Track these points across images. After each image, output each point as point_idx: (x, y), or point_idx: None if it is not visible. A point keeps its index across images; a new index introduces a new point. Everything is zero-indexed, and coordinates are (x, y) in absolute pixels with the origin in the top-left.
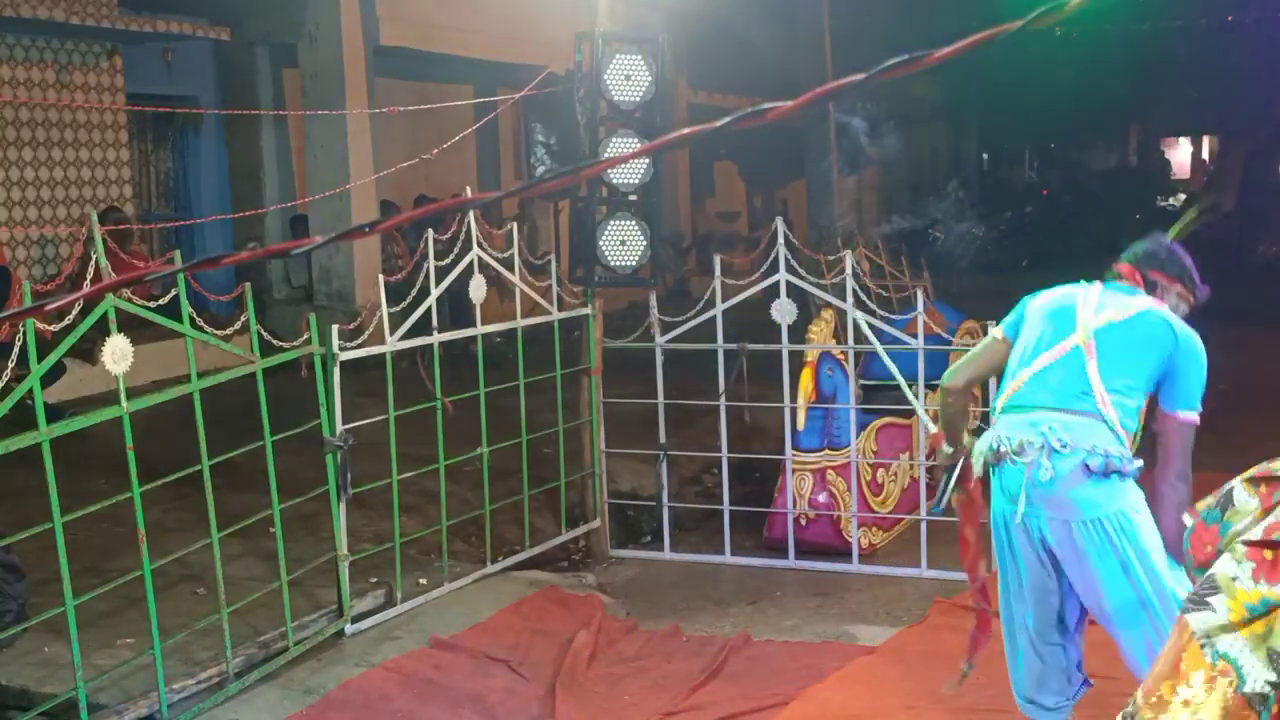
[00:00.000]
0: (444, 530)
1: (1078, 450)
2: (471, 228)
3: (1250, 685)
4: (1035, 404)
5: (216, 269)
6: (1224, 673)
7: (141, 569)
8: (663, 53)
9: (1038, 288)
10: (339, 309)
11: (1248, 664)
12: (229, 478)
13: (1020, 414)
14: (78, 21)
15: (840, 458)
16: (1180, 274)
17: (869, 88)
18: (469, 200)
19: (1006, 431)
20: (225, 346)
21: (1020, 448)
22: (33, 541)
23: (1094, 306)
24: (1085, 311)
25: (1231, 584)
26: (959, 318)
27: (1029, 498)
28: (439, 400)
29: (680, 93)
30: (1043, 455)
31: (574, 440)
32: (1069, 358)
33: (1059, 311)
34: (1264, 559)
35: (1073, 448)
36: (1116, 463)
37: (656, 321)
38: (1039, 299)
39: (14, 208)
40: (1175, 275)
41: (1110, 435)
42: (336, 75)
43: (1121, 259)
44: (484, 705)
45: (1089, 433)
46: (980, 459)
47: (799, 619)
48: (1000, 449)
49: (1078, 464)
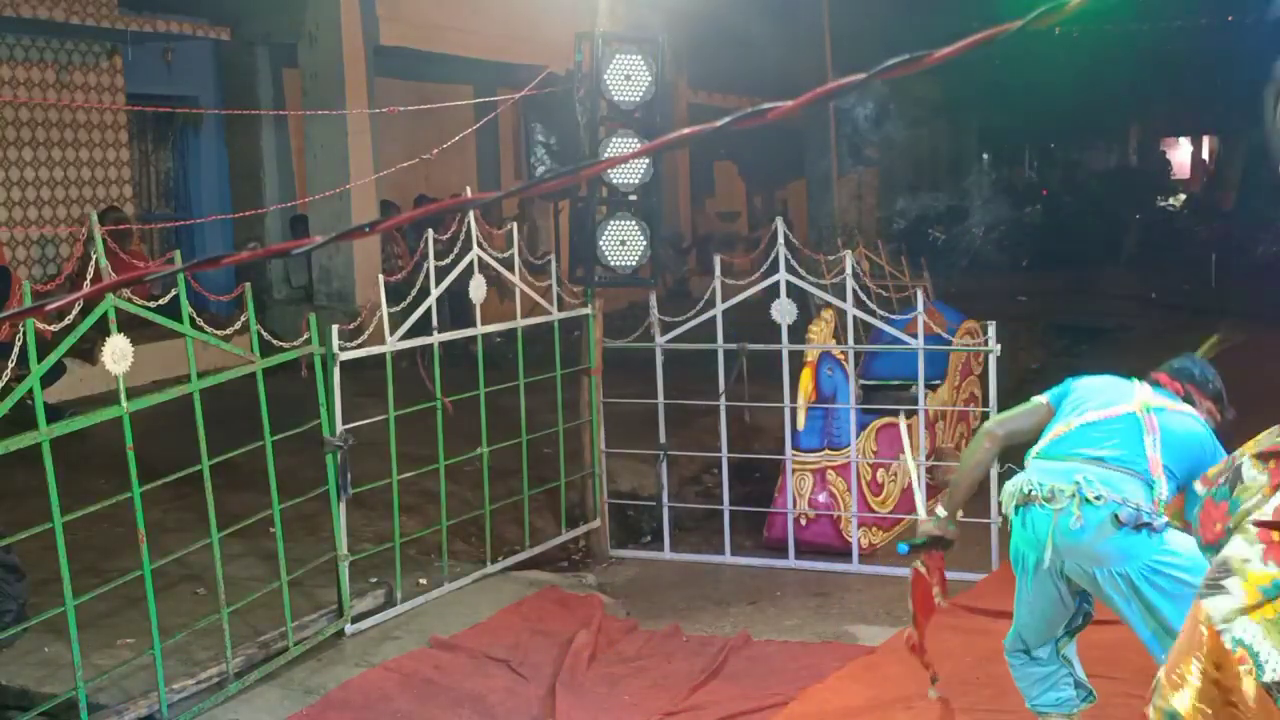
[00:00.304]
0: (444, 530)
1: (1110, 503)
2: (471, 228)
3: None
4: (1074, 454)
5: (216, 269)
6: (1242, 660)
7: (141, 569)
8: (663, 53)
9: (1038, 287)
10: (339, 309)
11: (1264, 651)
12: (229, 478)
13: (1056, 461)
14: (78, 21)
15: (840, 458)
16: (1214, 395)
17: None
18: (469, 200)
19: (1039, 476)
20: (225, 346)
21: (1051, 494)
22: (33, 541)
23: (1148, 392)
24: (1141, 391)
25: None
26: (959, 318)
27: (1055, 545)
28: (439, 400)
29: (680, 93)
30: (1074, 504)
31: (574, 440)
32: (1124, 421)
33: (1111, 386)
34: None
35: (1106, 500)
36: (1147, 517)
37: (656, 321)
38: (1088, 378)
39: (14, 208)
40: (1209, 395)
41: (1146, 493)
42: (336, 75)
43: (1160, 369)
44: (484, 705)
45: (1124, 486)
46: (1010, 500)
47: (799, 619)
48: (1030, 492)
49: (1108, 515)
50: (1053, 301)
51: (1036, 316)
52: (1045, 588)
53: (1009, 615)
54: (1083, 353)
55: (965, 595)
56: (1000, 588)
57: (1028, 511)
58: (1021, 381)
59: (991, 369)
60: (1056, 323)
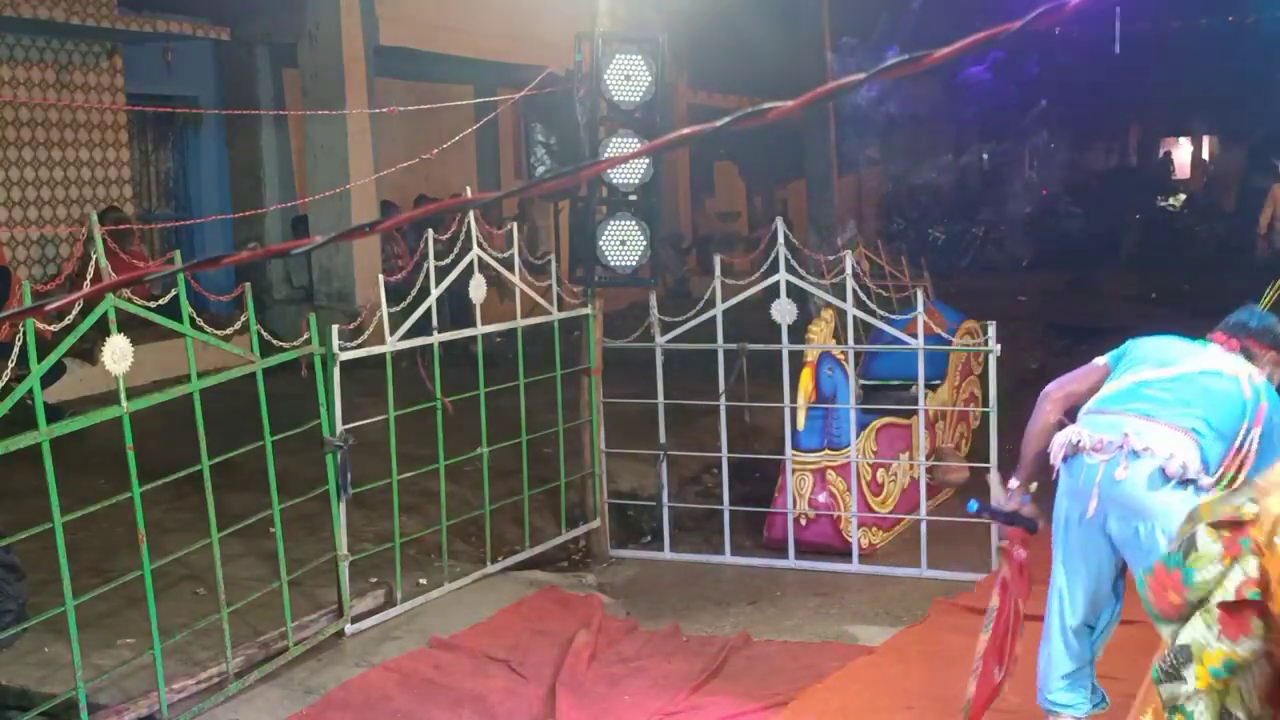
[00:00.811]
0: (444, 530)
1: (1157, 455)
2: (471, 228)
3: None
4: (1126, 408)
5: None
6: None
7: (141, 569)
8: (663, 53)
9: (1038, 287)
10: (339, 309)
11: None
12: (229, 478)
13: (1106, 415)
14: (78, 21)
15: (840, 458)
16: (1274, 343)
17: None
18: (469, 200)
19: (1089, 428)
20: (225, 346)
21: (1100, 444)
22: (33, 541)
23: (1206, 354)
24: (1200, 353)
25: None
26: (959, 318)
27: (1101, 495)
28: (439, 400)
29: (680, 93)
30: (1121, 455)
31: (574, 440)
32: (1179, 380)
33: (1170, 346)
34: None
35: (1153, 453)
36: (1193, 474)
37: (656, 321)
38: (1148, 338)
39: (14, 208)
40: (1270, 344)
41: (1195, 451)
42: (336, 75)
43: (1216, 329)
44: (484, 705)
45: (1172, 442)
46: (1058, 450)
47: (799, 619)
48: (1078, 442)
49: (1154, 469)
50: (1053, 301)
51: (1036, 316)
52: (1087, 547)
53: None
54: (1083, 353)
55: (965, 595)
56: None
57: (1075, 461)
58: (1021, 382)
59: (991, 369)
60: (1056, 323)
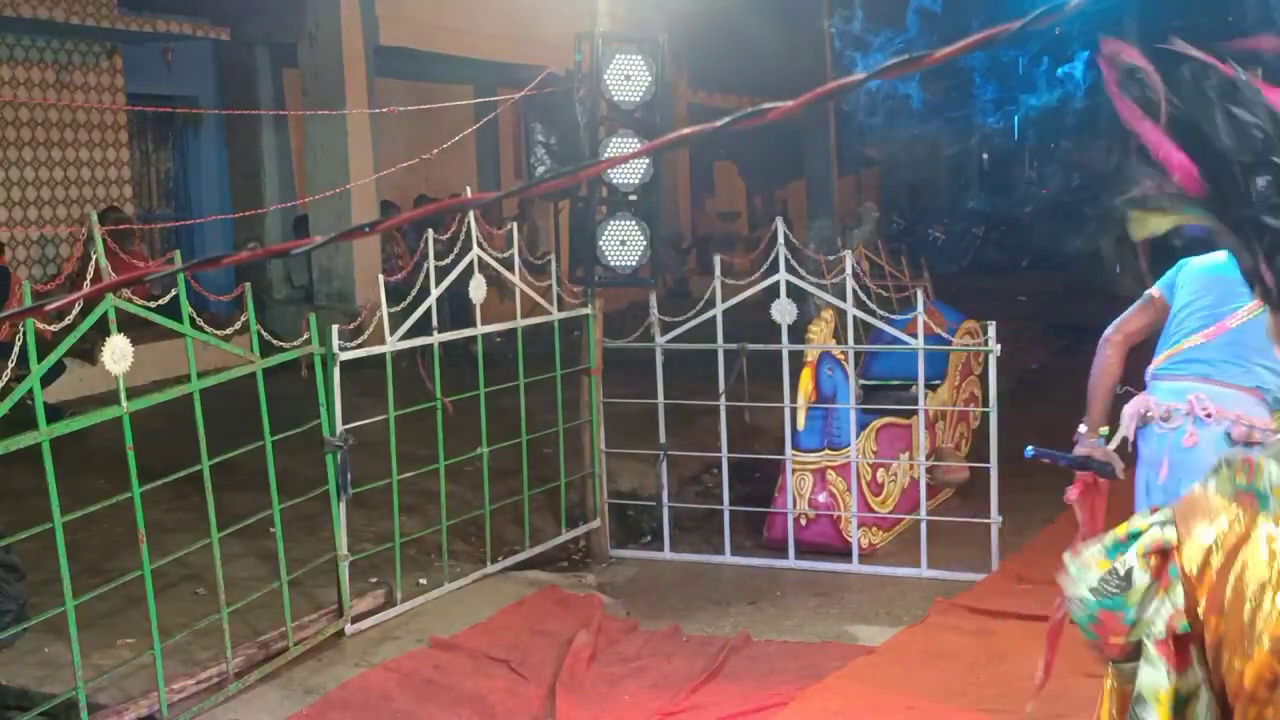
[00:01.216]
0: (444, 530)
1: (1223, 420)
2: (471, 228)
3: None
4: (1189, 372)
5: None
6: None
7: (141, 569)
8: (663, 53)
9: (1038, 287)
10: (339, 309)
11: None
12: (229, 478)
13: (1171, 380)
14: (78, 21)
15: (840, 458)
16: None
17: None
18: (469, 200)
19: (1156, 395)
20: (225, 346)
21: (1167, 413)
22: (33, 541)
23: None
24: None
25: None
26: (959, 318)
27: (1171, 463)
28: (439, 400)
29: (680, 93)
30: (1188, 422)
31: (574, 440)
32: (1233, 335)
33: (1222, 282)
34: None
35: (1218, 418)
36: (1260, 435)
37: (656, 321)
38: (1198, 272)
39: (14, 208)
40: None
41: (1263, 410)
42: (336, 75)
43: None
44: (484, 705)
45: (1238, 404)
46: (1129, 421)
47: (799, 619)
48: (1147, 412)
49: (1220, 433)
50: (1053, 301)
51: (1036, 316)
52: None
53: (1009, 615)
54: (1083, 353)
55: (965, 595)
56: (1001, 587)
57: (1147, 430)
58: (1021, 382)
59: (991, 369)
60: (1056, 323)
